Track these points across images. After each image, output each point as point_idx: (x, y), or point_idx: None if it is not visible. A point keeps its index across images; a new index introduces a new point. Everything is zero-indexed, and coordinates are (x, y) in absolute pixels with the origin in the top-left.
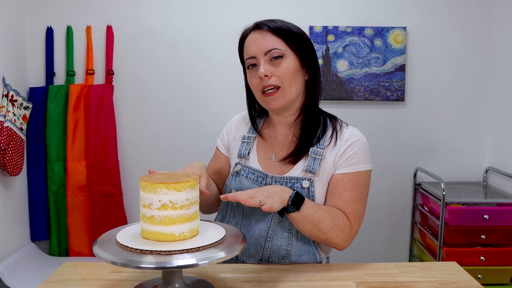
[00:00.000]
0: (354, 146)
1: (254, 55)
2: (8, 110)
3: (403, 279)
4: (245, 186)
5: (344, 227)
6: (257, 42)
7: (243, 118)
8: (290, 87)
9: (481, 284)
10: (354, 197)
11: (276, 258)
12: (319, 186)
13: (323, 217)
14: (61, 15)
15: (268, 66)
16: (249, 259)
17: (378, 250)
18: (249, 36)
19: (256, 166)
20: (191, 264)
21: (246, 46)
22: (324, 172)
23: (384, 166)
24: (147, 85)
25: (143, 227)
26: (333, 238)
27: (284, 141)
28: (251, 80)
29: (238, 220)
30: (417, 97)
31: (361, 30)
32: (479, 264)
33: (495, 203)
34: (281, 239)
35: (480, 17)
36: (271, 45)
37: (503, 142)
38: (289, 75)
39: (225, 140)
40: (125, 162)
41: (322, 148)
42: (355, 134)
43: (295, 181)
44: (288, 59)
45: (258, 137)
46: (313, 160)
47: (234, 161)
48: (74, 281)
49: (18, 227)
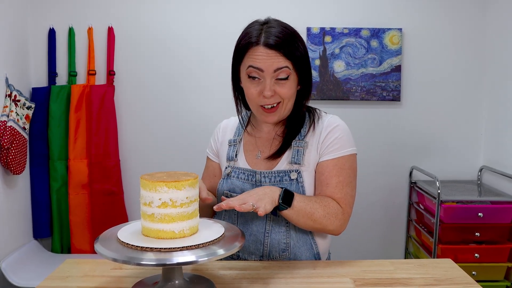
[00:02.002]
0: (334, 132)
1: (262, 69)
2: (11, 110)
3: (399, 276)
4: (237, 186)
5: (336, 213)
6: (268, 60)
7: (227, 124)
8: (288, 103)
9: (475, 281)
10: (341, 182)
11: (277, 253)
12: (307, 175)
13: (315, 207)
14: (63, 16)
15: (273, 85)
16: (250, 257)
17: (374, 247)
18: (258, 48)
19: (245, 165)
20: (191, 261)
21: (253, 55)
22: (309, 161)
23: (380, 165)
24: (148, 85)
25: (144, 224)
26: (328, 226)
27: (268, 138)
28: (250, 89)
29: (234, 220)
30: (412, 97)
31: (357, 31)
32: (474, 261)
33: (489, 201)
34: (279, 233)
35: (475, 18)
36: (282, 64)
37: (497, 141)
38: (291, 94)
39: (214, 148)
40: (126, 161)
41: (302, 139)
42: (334, 121)
43: (283, 174)
44: (291, 79)
45: (244, 137)
46: (296, 151)
47: (224, 166)
48: (76, 278)
49: (21, 225)
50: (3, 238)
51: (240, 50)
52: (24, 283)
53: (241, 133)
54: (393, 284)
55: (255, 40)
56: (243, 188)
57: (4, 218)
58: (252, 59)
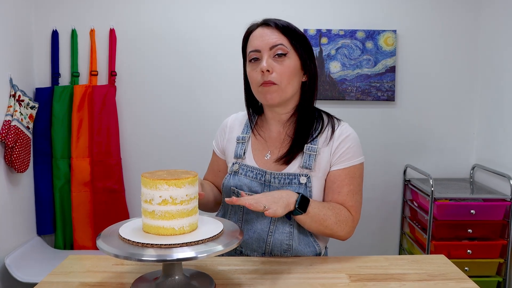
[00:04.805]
0: (346, 142)
1: (259, 49)
2: (16, 109)
3: (393, 271)
4: (244, 184)
5: (347, 220)
6: (263, 37)
7: (235, 119)
8: (287, 86)
9: (468, 276)
10: (352, 191)
11: (279, 252)
12: (316, 181)
13: (328, 214)
14: (66, 18)
15: (271, 62)
16: (252, 253)
17: (369, 244)
18: (255, 31)
19: (253, 164)
20: (191, 257)
21: (252, 39)
22: (320, 167)
23: (375, 163)
24: (149, 86)
25: (145, 221)
26: (339, 232)
27: (278, 139)
28: (251, 73)
29: (239, 217)
30: (406, 97)
31: (353, 33)
32: (466, 257)
33: (481, 198)
34: (283, 233)
35: (467, 20)
36: (277, 41)
37: (489, 140)
38: (289, 74)
39: (220, 144)
40: (127, 159)
41: (316, 144)
42: (346, 130)
43: (293, 177)
44: (291, 58)
45: (252, 136)
46: (308, 156)
47: (231, 162)
48: (79, 273)
49: (24, 222)
50: (7, 234)
51: (243, 43)
52: (27, 279)
53: (249, 131)
54: (387, 279)
55: (254, 27)
56: (250, 186)
57: (8, 215)
58: (251, 43)
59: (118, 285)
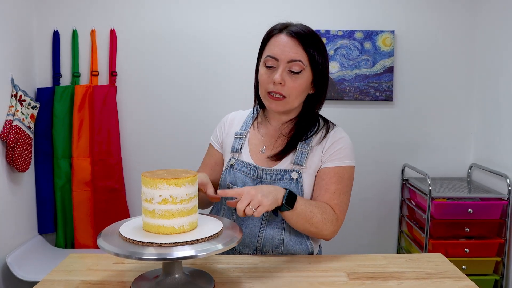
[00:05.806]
0: (339, 143)
1: (277, 58)
2: (17, 109)
3: (391, 270)
4: (239, 179)
5: (332, 219)
6: (284, 48)
7: (234, 116)
8: (295, 100)
9: (465, 275)
10: (339, 190)
11: (270, 248)
12: (307, 177)
13: (314, 211)
14: (67, 19)
15: (285, 75)
16: (244, 249)
17: (367, 243)
18: (278, 37)
19: (248, 159)
20: (191, 255)
21: (272, 44)
22: (311, 164)
23: (373, 163)
24: (149, 86)
25: (145, 220)
26: (324, 231)
27: (273, 135)
28: (263, 76)
29: (232, 212)
30: (404, 97)
31: (351, 33)
32: (464, 256)
33: (479, 197)
34: (275, 229)
35: (464, 21)
36: (296, 56)
37: (486, 140)
38: (300, 90)
39: (219, 137)
40: (128, 159)
41: (309, 143)
42: (340, 133)
43: (284, 173)
44: (304, 76)
45: (250, 130)
46: (300, 153)
47: (228, 156)
48: (80, 272)
49: (26, 221)
50: (9, 233)
51: (263, 42)
52: (29, 277)
53: (247, 127)
54: (385, 277)
55: (278, 31)
56: (244, 181)
57: (9, 214)
58: (271, 48)
59: (119, 284)
